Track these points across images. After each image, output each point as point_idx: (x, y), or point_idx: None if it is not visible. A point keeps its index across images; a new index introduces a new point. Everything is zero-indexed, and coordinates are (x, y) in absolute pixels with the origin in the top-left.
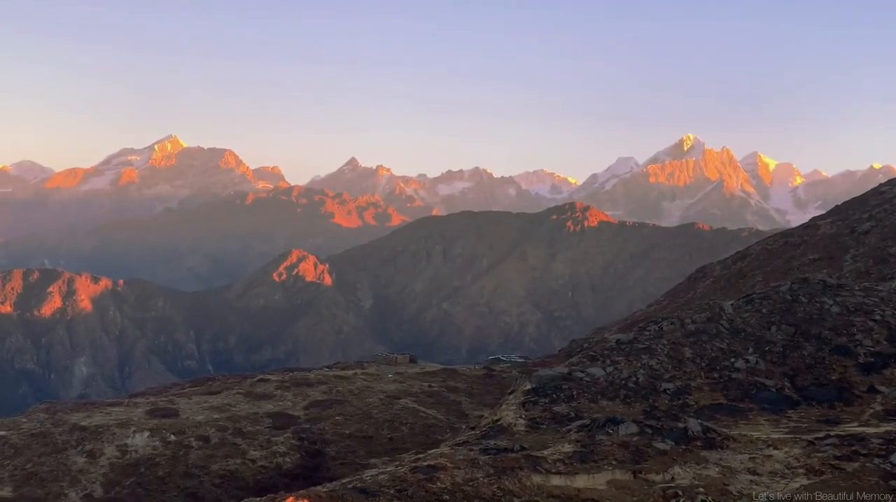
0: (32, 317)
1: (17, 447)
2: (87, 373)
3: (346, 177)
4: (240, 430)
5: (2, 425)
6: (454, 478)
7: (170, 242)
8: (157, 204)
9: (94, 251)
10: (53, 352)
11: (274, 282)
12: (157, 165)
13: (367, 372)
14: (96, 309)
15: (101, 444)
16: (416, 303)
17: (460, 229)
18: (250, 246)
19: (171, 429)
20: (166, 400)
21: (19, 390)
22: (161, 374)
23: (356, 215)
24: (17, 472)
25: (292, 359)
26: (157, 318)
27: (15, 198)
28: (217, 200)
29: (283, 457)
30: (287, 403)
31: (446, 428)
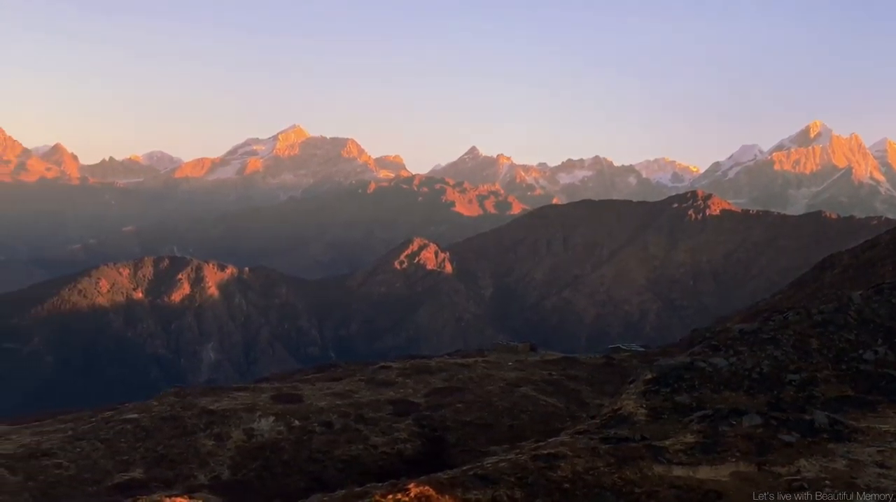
0: (162, 303)
1: (148, 430)
2: (215, 358)
3: (466, 165)
4: (362, 417)
5: (134, 408)
6: (575, 467)
7: (293, 230)
8: (280, 193)
9: (220, 239)
10: (182, 338)
11: (395, 270)
12: (282, 155)
13: (487, 359)
14: (223, 295)
15: (228, 428)
16: (536, 292)
17: (580, 218)
18: (372, 234)
19: (296, 415)
20: (290, 386)
21: (150, 374)
22: (285, 360)
23: (477, 204)
24: (149, 454)
25: (413, 347)
26: (281, 305)
27: (146, 187)
28: (339, 189)
29: (404, 444)
30: (408, 390)
31: (566, 417)
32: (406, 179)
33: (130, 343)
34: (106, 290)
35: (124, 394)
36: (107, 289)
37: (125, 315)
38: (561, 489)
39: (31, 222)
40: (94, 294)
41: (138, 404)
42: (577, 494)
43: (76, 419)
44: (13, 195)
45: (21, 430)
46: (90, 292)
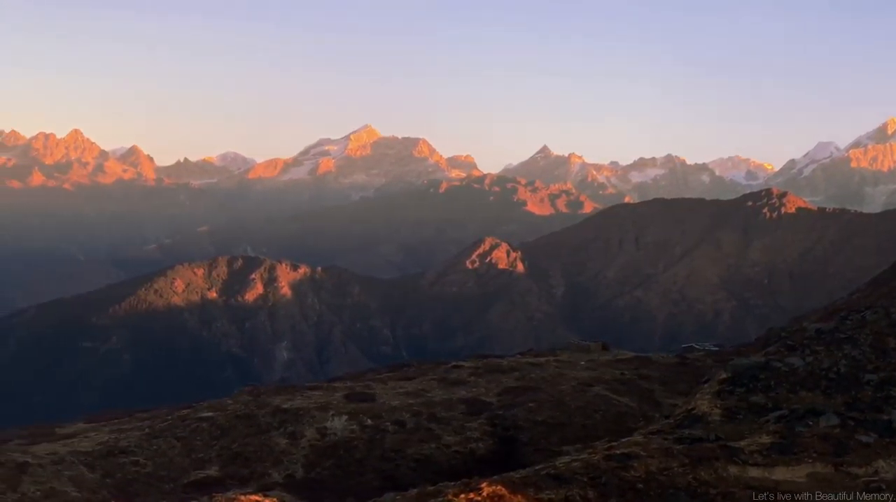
0: (236, 302)
1: (223, 428)
2: (288, 357)
3: (538, 165)
4: (434, 416)
5: (209, 407)
6: (648, 467)
7: (365, 230)
8: (352, 193)
9: (293, 239)
10: (256, 337)
11: (467, 269)
12: (353, 155)
13: (559, 359)
14: (296, 295)
15: (301, 427)
16: (608, 291)
17: (653, 216)
18: (443, 233)
19: (368, 414)
20: (363, 385)
21: (225, 373)
22: (357, 359)
23: (548, 203)
24: (224, 452)
25: (485, 346)
26: (353, 305)
27: (220, 187)
28: (411, 189)
29: (476, 443)
30: (480, 389)
31: (639, 417)
32: (477, 179)
33: (205, 342)
34: (181, 290)
35: (199, 393)
36: (182, 289)
37: (200, 314)
38: (634, 489)
39: (108, 223)
40: (169, 293)
41: (213, 402)
42: (651, 494)
43: (153, 417)
44: (91, 196)
45: (99, 428)
46: (166, 292)
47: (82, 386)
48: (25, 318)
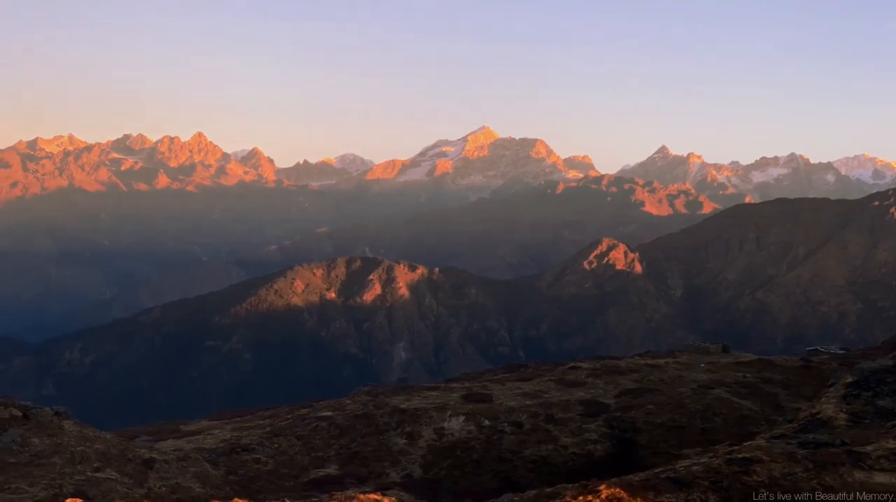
0: (355, 303)
1: (342, 427)
2: (406, 357)
3: (656, 165)
4: (551, 417)
5: (328, 406)
6: (771, 472)
7: (482, 231)
8: (470, 194)
9: (410, 240)
10: (374, 337)
11: (584, 270)
12: (471, 156)
13: (678, 361)
14: (413, 296)
15: (419, 427)
16: (728, 292)
17: (775, 217)
18: (560, 234)
19: (486, 414)
20: (480, 386)
21: (343, 373)
22: (474, 360)
23: (666, 203)
24: (343, 451)
25: (602, 347)
26: (470, 306)
27: (339, 189)
28: (528, 190)
29: (594, 445)
30: (598, 391)
31: (761, 420)
32: (595, 179)
33: (324, 342)
34: (301, 290)
35: (318, 392)
36: (301, 290)
37: (319, 314)
38: (756, 494)
39: (230, 224)
40: (289, 294)
41: (332, 402)
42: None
43: (274, 416)
44: (214, 198)
45: (222, 426)
46: (286, 292)
47: (205, 384)
48: (151, 318)
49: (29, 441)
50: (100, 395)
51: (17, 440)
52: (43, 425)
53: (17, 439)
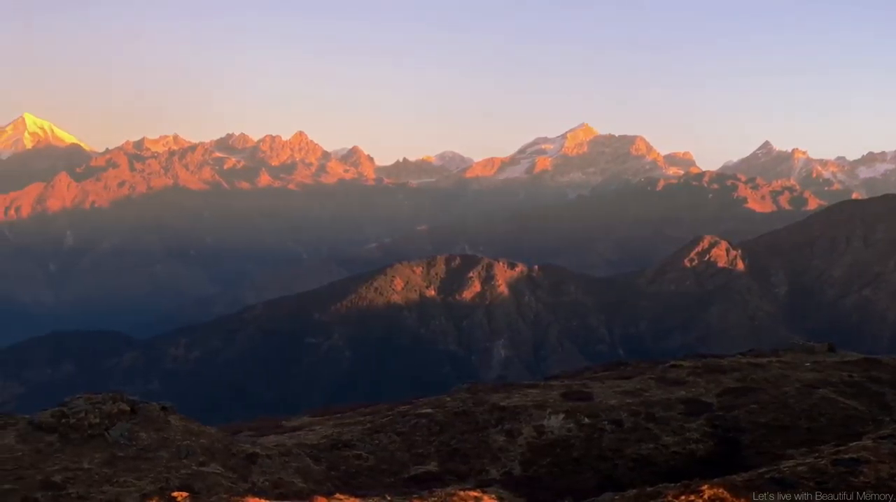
0: (454, 300)
1: (442, 424)
2: (505, 355)
3: (759, 161)
4: (652, 415)
5: (428, 403)
6: (878, 473)
7: (581, 229)
8: (569, 191)
9: (509, 237)
10: (473, 335)
11: (685, 267)
12: (570, 153)
13: (782, 360)
14: (512, 293)
15: (518, 424)
16: (834, 290)
17: (883, 213)
18: (660, 231)
19: (585, 412)
20: (580, 384)
21: (443, 370)
22: (574, 358)
23: (770, 200)
24: (442, 448)
25: (703, 346)
26: (569, 303)
27: (438, 187)
28: (628, 187)
29: (695, 444)
30: (699, 390)
31: (868, 421)
32: (696, 176)
33: (423, 339)
34: (400, 288)
35: (417, 389)
36: (401, 287)
37: (419, 312)
38: (863, 495)
39: (330, 222)
40: (389, 291)
41: (432, 399)
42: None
43: (374, 412)
44: (314, 196)
45: (324, 422)
46: (385, 290)
47: (306, 381)
48: (253, 315)
49: (137, 435)
50: (204, 391)
51: (125, 434)
52: (150, 420)
53: (126, 433)
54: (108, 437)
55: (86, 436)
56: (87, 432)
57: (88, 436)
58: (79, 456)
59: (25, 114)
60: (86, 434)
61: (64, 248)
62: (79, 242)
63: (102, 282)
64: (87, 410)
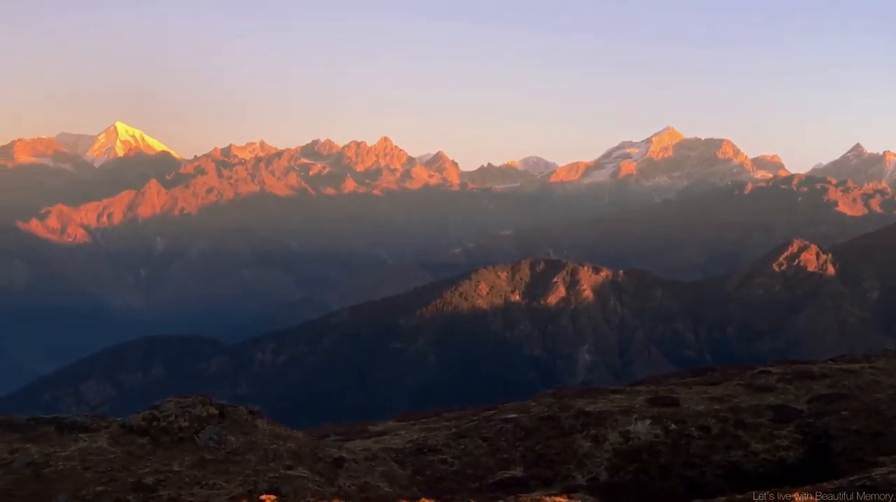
0: (539, 305)
1: (527, 429)
2: (590, 360)
3: (849, 163)
4: (741, 422)
5: (513, 408)
6: None
7: (667, 233)
8: (654, 195)
9: (594, 242)
10: (558, 340)
11: (774, 272)
12: (655, 157)
13: (875, 366)
14: (597, 298)
15: (604, 430)
16: None
17: None
18: (748, 236)
19: (672, 418)
20: (666, 389)
21: (528, 374)
22: (659, 363)
23: (861, 203)
24: (528, 453)
25: (792, 351)
26: (655, 308)
27: (522, 191)
28: (714, 191)
29: (785, 451)
30: (789, 396)
31: None
32: (784, 179)
33: (508, 344)
34: (485, 293)
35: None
36: (486, 292)
37: (503, 316)
38: None
39: (415, 227)
40: (473, 296)
41: (517, 404)
42: None
43: (459, 417)
44: (399, 201)
45: (409, 426)
46: (470, 294)
47: (391, 386)
48: (339, 320)
49: (225, 438)
50: (290, 395)
51: (214, 437)
52: (238, 423)
53: (215, 436)
54: (198, 440)
55: (176, 439)
56: (177, 435)
57: (178, 439)
58: (169, 458)
59: (117, 122)
60: (176, 437)
61: (154, 254)
62: (168, 248)
63: (191, 287)
64: (177, 414)
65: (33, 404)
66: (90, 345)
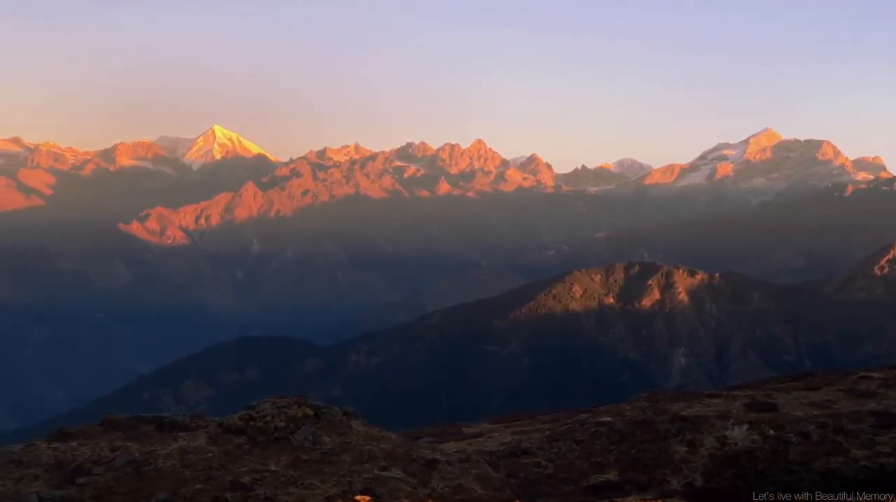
0: (633, 308)
1: (621, 433)
2: (685, 363)
3: None
4: (841, 428)
5: (607, 411)
6: None
7: (764, 236)
8: (751, 197)
9: (689, 245)
10: (653, 343)
11: (875, 275)
12: (752, 159)
13: None
14: (693, 301)
15: (700, 435)
16: None
17: None
18: (847, 238)
19: (770, 424)
20: (764, 394)
21: (621, 378)
22: (757, 368)
23: None
24: (622, 457)
25: (895, 356)
26: (753, 312)
27: (616, 194)
28: (813, 193)
29: (886, 458)
30: (891, 402)
31: None
32: (887, 181)
33: (602, 347)
34: (579, 295)
35: (595, 397)
36: (580, 295)
37: (597, 319)
38: None
39: (508, 229)
40: (567, 299)
41: (611, 407)
42: None
43: (553, 420)
44: (493, 204)
45: (502, 429)
46: (564, 297)
47: (485, 388)
48: (433, 322)
49: (320, 439)
50: (384, 396)
51: (309, 438)
52: (333, 424)
53: (310, 437)
54: (293, 440)
55: (272, 439)
56: (273, 435)
57: (274, 439)
58: (265, 458)
59: (215, 126)
60: (272, 437)
61: (250, 256)
62: (264, 250)
63: (286, 288)
64: (273, 414)
65: (133, 403)
66: (188, 344)
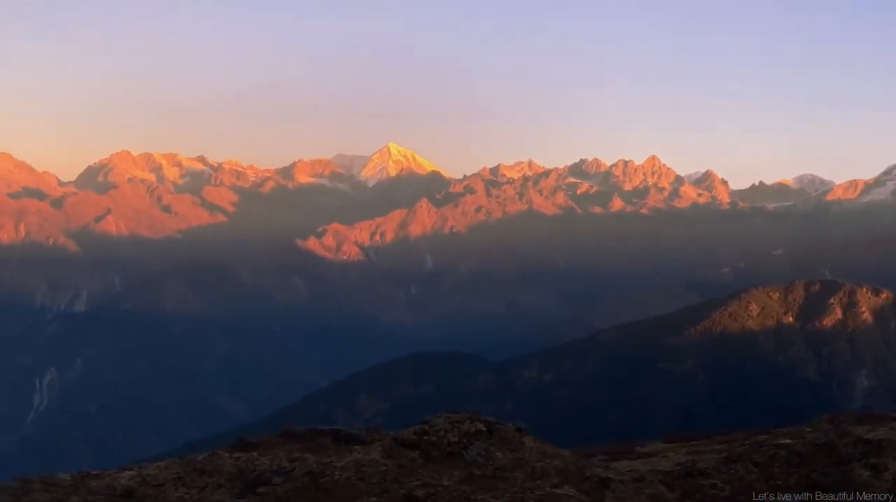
0: (813, 327)
1: (802, 456)
2: (868, 385)
3: None
4: None
5: (787, 433)
6: None
7: None
8: None
9: (873, 263)
10: (834, 363)
11: None
12: None
13: None
14: (877, 321)
15: (885, 459)
16: None
17: None
18: None
19: None
20: None
21: (801, 398)
22: None
23: None
24: (802, 481)
25: None
26: None
27: (796, 210)
28: None
29: None
30: None
31: None
32: None
33: (780, 367)
34: (756, 314)
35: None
36: (757, 313)
37: (775, 339)
38: None
39: (683, 246)
40: (743, 317)
41: (791, 429)
42: None
43: (730, 440)
44: (666, 220)
45: (677, 448)
46: (740, 315)
47: (657, 407)
48: (604, 339)
49: (493, 454)
50: (555, 413)
51: (481, 453)
52: (505, 440)
53: (482, 452)
54: (466, 456)
55: (445, 454)
56: (446, 450)
57: (447, 454)
58: (438, 472)
59: (390, 143)
60: (445, 452)
61: (424, 272)
62: (438, 266)
63: (459, 304)
64: (446, 429)
65: (310, 415)
66: (363, 359)
